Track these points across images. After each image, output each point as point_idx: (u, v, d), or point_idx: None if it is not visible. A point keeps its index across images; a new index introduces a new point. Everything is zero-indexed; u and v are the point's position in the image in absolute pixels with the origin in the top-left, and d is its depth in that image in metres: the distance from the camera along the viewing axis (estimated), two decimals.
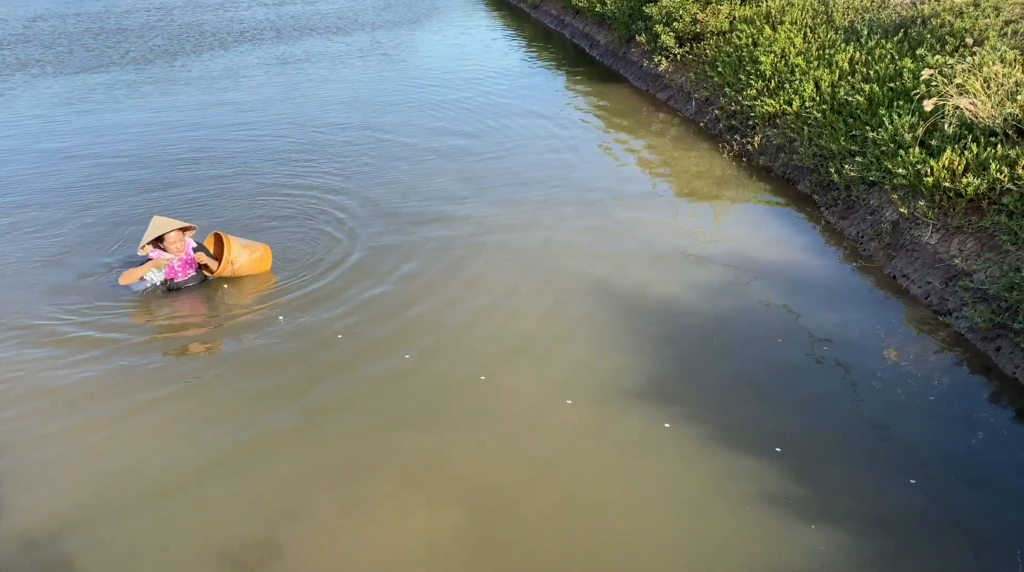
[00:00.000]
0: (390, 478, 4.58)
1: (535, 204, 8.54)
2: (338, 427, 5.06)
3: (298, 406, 5.26)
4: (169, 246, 6.66)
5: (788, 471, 4.50)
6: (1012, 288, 5.56)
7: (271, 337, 6.07)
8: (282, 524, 4.26)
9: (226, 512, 4.38)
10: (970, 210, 6.49)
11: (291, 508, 4.37)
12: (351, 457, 4.78)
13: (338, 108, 12.99)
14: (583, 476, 4.56)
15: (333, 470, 4.67)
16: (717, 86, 11.25)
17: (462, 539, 4.13)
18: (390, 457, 4.76)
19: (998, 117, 6.79)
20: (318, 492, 4.49)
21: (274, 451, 4.85)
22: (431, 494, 4.44)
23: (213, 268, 6.86)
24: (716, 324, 6.06)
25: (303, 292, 6.71)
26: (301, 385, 5.49)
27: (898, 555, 3.94)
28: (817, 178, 8.44)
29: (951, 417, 4.94)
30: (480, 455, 4.76)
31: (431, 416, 5.12)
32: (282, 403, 5.30)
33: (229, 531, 4.24)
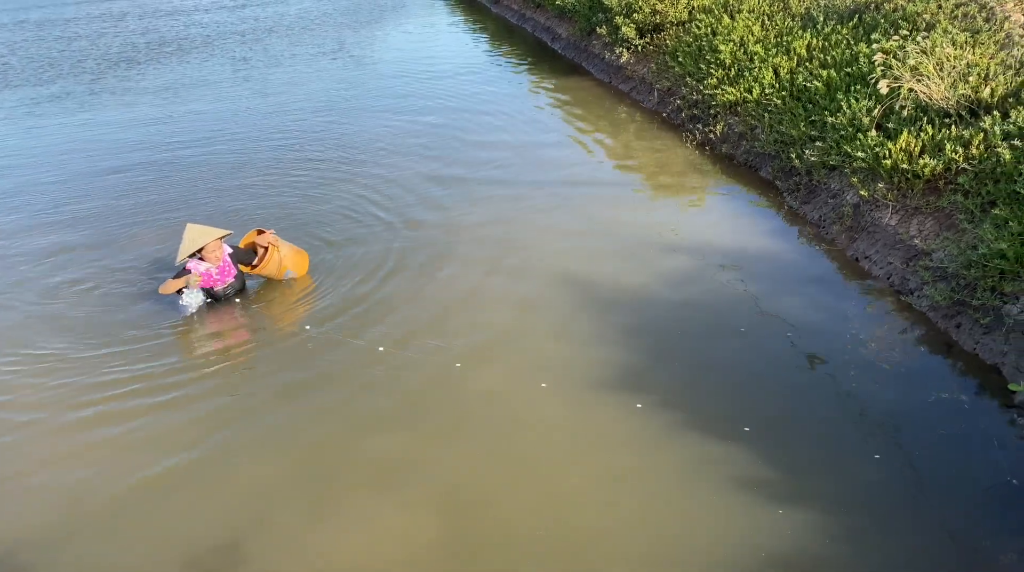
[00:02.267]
0: (361, 481, 4.54)
1: (501, 199, 8.53)
2: (305, 432, 5.01)
3: (263, 413, 5.20)
4: (207, 255, 6.42)
5: (757, 454, 4.54)
6: (970, 266, 5.66)
7: (235, 342, 6.00)
8: (250, 532, 4.21)
9: (192, 523, 4.31)
10: (927, 191, 6.60)
11: (259, 516, 4.32)
12: (320, 462, 4.73)
13: (307, 113, 12.87)
14: (557, 469, 4.57)
15: (301, 476, 4.62)
16: (678, 76, 11.31)
17: (436, 540, 4.11)
18: (360, 460, 4.72)
19: (951, 98, 6.91)
20: (286, 499, 4.44)
21: (239, 459, 4.78)
22: (403, 495, 4.42)
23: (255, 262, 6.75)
24: (684, 312, 6.10)
25: (275, 297, 6.64)
26: (266, 392, 5.43)
27: (865, 530, 4.00)
28: (779, 164, 8.53)
29: (914, 393, 5.03)
30: (452, 453, 4.74)
31: (402, 416, 5.09)
32: (247, 410, 5.24)
33: (195, 542, 4.17)
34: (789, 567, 3.82)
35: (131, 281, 7.03)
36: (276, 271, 6.69)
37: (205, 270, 6.39)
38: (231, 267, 6.60)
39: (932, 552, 3.86)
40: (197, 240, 6.26)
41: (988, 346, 5.30)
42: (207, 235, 6.31)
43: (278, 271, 6.70)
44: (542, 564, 3.93)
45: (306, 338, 6.01)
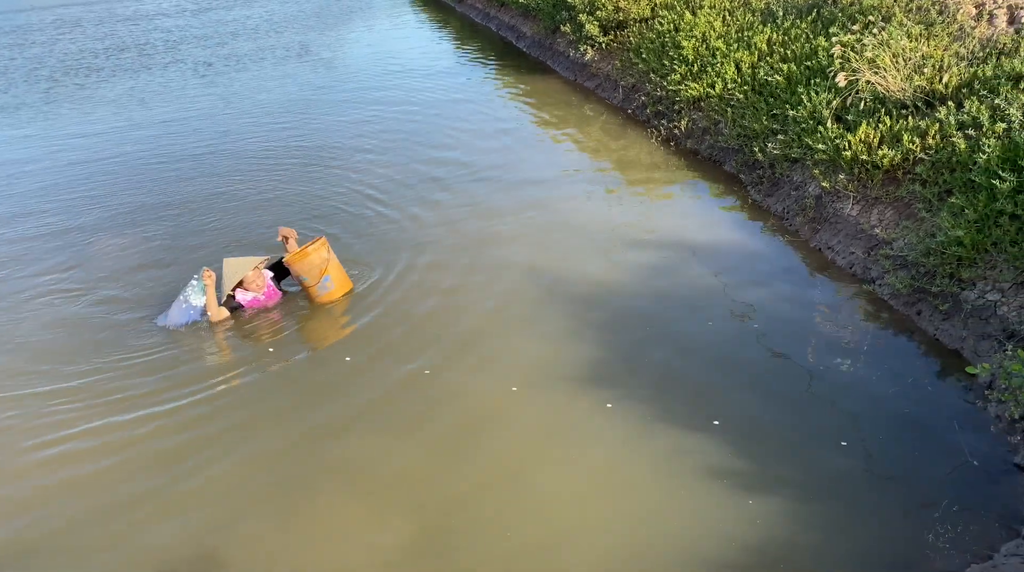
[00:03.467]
0: (332, 488, 4.53)
1: (471, 197, 8.55)
2: (273, 438, 4.97)
3: (227, 420, 5.15)
4: (249, 285, 6.42)
5: (727, 445, 4.61)
6: (928, 254, 5.80)
7: (194, 348, 5.95)
8: (221, 542, 4.18)
9: (161, 534, 4.27)
10: (887, 181, 6.74)
11: (229, 525, 4.29)
12: (289, 468, 4.70)
13: (276, 115, 12.76)
14: (529, 468, 4.59)
15: (270, 484, 4.59)
16: (642, 72, 11.40)
17: (408, 544, 4.11)
18: (331, 466, 4.70)
19: (908, 90, 7.06)
20: (256, 508, 4.41)
21: (206, 469, 4.74)
22: (375, 501, 4.41)
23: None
24: (652, 306, 6.17)
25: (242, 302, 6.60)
26: (231, 398, 5.39)
27: (833, 515, 4.09)
28: (742, 158, 8.64)
29: (878, 379, 5.14)
30: (424, 456, 4.74)
31: (373, 419, 5.09)
32: (211, 418, 5.19)
33: (166, 553, 4.14)
34: (760, 554, 3.89)
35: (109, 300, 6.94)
36: (314, 271, 6.31)
37: (252, 298, 6.40)
38: (275, 291, 6.59)
39: (898, 533, 3.96)
40: (236, 273, 6.26)
41: (948, 331, 5.43)
42: (244, 266, 6.32)
43: (317, 272, 6.31)
44: (515, 563, 3.95)
45: (268, 344, 5.98)
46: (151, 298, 6.76)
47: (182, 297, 6.29)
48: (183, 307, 6.26)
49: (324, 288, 6.37)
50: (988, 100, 6.31)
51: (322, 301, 6.42)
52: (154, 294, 6.83)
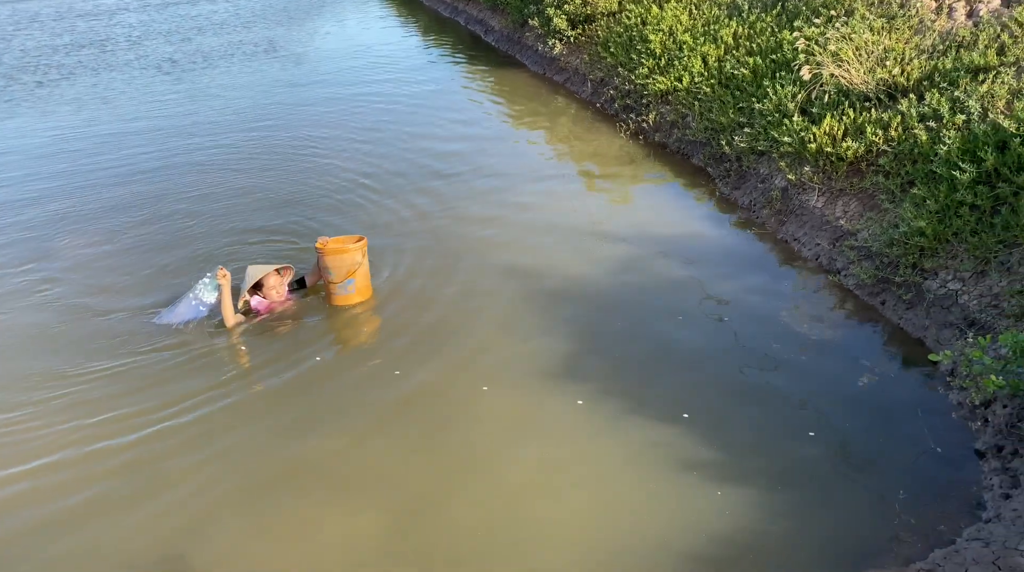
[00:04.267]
0: (303, 488, 4.48)
1: (439, 191, 8.53)
2: (241, 440, 4.90)
3: (193, 423, 5.06)
4: (269, 292, 6.25)
5: (697, 437, 4.65)
6: (892, 244, 5.89)
7: (154, 348, 5.86)
8: (190, 546, 4.12)
9: (130, 539, 4.20)
10: (851, 173, 6.83)
11: (198, 529, 4.23)
12: (258, 468, 4.65)
13: (244, 113, 12.61)
14: (500, 464, 4.59)
15: (239, 486, 4.52)
16: (610, 66, 11.44)
17: (381, 543, 4.08)
18: (302, 467, 4.65)
19: (870, 83, 7.16)
20: (226, 510, 4.35)
21: (174, 472, 4.66)
22: (347, 500, 4.38)
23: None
24: (622, 299, 6.20)
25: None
26: (195, 400, 5.29)
27: (802, 504, 4.14)
28: (709, 151, 8.71)
29: (844, 369, 5.22)
30: (395, 454, 4.71)
31: (343, 419, 5.05)
32: (176, 422, 5.10)
33: (134, 557, 4.07)
34: (729, 544, 3.93)
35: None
36: (342, 270, 6.10)
37: (258, 302, 6.27)
38: (288, 298, 6.45)
39: (864, 520, 4.02)
40: (254, 276, 6.14)
41: (911, 320, 5.53)
42: (262, 270, 6.20)
43: (345, 271, 6.11)
44: (489, 559, 3.95)
45: (235, 343, 5.91)
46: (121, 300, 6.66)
47: (191, 294, 6.13)
48: (192, 304, 6.10)
49: (344, 289, 6.18)
50: (948, 92, 6.42)
51: (337, 302, 6.24)
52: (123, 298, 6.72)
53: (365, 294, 6.32)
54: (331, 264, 6.10)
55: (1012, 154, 5.43)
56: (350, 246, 6.12)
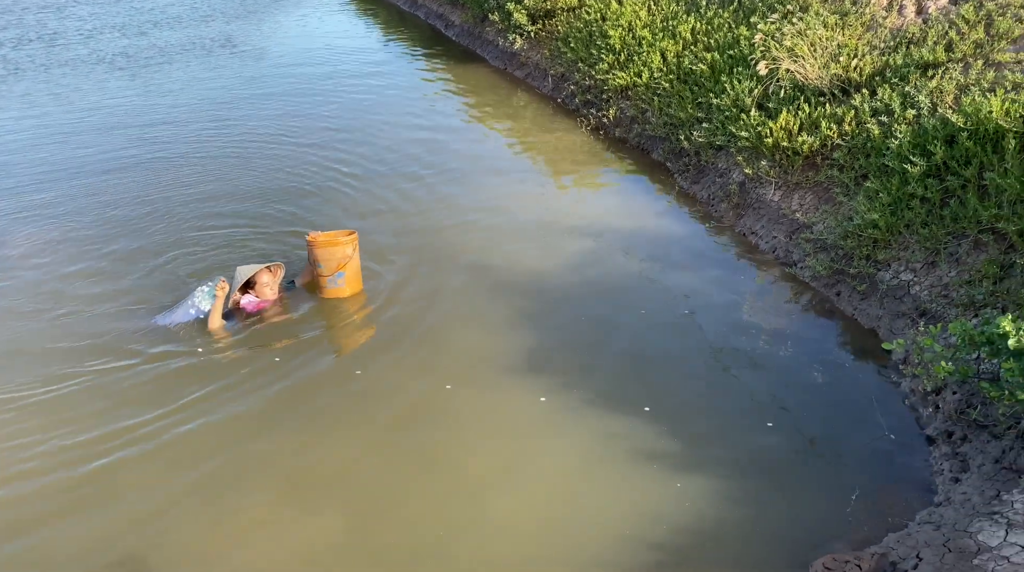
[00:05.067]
0: (260, 488, 4.42)
1: (402, 186, 8.48)
2: (195, 436, 4.82)
3: (148, 423, 4.96)
4: (262, 289, 6.15)
5: (658, 429, 4.70)
6: (846, 236, 6.01)
7: (115, 347, 5.75)
8: (145, 547, 4.04)
9: (83, 541, 4.10)
10: (806, 167, 6.95)
11: (154, 530, 4.15)
12: (213, 467, 4.57)
13: (200, 111, 12.39)
14: (461, 461, 4.58)
15: (193, 483, 4.45)
16: (571, 62, 11.47)
17: (340, 543, 4.05)
18: (258, 464, 4.59)
19: (825, 78, 7.29)
20: (182, 511, 4.27)
21: (120, 466, 4.57)
22: (305, 500, 4.33)
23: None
24: (584, 294, 6.23)
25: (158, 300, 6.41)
26: (146, 393, 5.21)
27: (760, 492, 4.21)
28: (669, 146, 8.79)
29: (801, 359, 5.32)
30: (355, 453, 4.67)
31: (302, 417, 4.99)
32: (131, 420, 5.00)
33: (78, 557, 3.98)
34: (690, 533, 3.98)
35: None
36: (332, 262, 6.07)
37: (248, 301, 6.17)
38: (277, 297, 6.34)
39: (821, 507, 4.11)
40: (245, 274, 6.07)
41: (865, 311, 5.65)
42: (251, 269, 6.12)
43: (335, 264, 6.08)
44: (449, 556, 3.94)
45: (196, 342, 5.81)
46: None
47: (190, 301, 6.07)
48: (191, 312, 6.05)
49: (334, 282, 6.19)
50: (899, 88, 6.57)
51: (327, 295, 6.25)
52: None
53: (355, 287, 6.33)
54: (322, 256, 6.11)
55: (960, 148, 5.57)
56: (341, 239, 6.13)
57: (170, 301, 6.26)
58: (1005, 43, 6.43)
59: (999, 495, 3.79)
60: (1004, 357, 3.87)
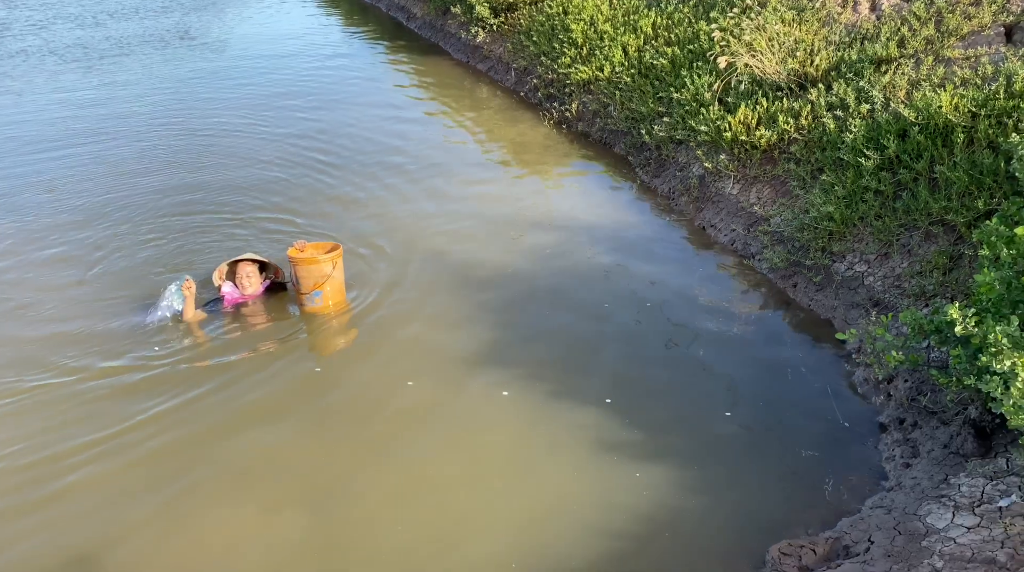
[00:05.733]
0: (218, 486, 4.37)
1: (361, 182, 8.42)
2: (151, 438, 4.74)
3: (102, 421, 4.87)
4: (241, 280, 6.06)
5: (618, 420, 4.75)
6: (802, 229, 6.12)
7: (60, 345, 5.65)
8: (101, 548, 3.97)
9: (34, 543, 4.02)
10: (764, 160, 7.05)
11: (109, 530, 4.09)
12: (169, 469, 4.49)
13: (157, 107, 12.16)
14: (425, 457, 4.58)
15: (149, 485, 4.38)
16: (534, 55, 11.48)
17: (300, 539, 4.02)
18: (216, 464, 4.53)
19: (782, 73, 7.40)
20: (138, 511, 4.21)
21: (75, 470, 4.49)
22: (265, 497, 4.29)
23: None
24: (547, 287, 6.26)
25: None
26: (101, 394, 5.12)
27: (718, 480, 4.28)
28: (630, 140, 8.86)
29: (759, 350, 5.40)
30: (316, 452, 4.63)
31: (262, 416, 4.93)
32: (84, 418, 4.90)
33: (31, 562, 3.91)
34: (649, 521, 4.03)
35: None
36: (309, 280, 5.85)
37: (230, 291, 6.11)
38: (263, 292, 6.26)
39: (777, 494, 4.19)
40: (223, 265, 6.04)
41: (821, 302, 5.76)
42: (232, 259, 6.09)
43: (312, 282, 5.84)
44: (409, 551, 3.94)
45: (154, 343, 5.73)
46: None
47: (164, 303, 5.96)
48: (166, 314, 5.95)
49: (311, 300, 5.94)
50: (854, 83, 6.69)
51: (307, 311, 6.00)
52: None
53: (337, 304, 6.03)
54: (299, 274, 5.91)
55: (912, 142, 5.70)
56: (319, 257, 5.87)
57: (136, 294, 6.19)
58: (954, 40, 6.59)
59: (947, 479, 3.90)
60: (952, 345, 3.98)
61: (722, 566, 3.79)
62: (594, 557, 3.86)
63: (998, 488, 3.65)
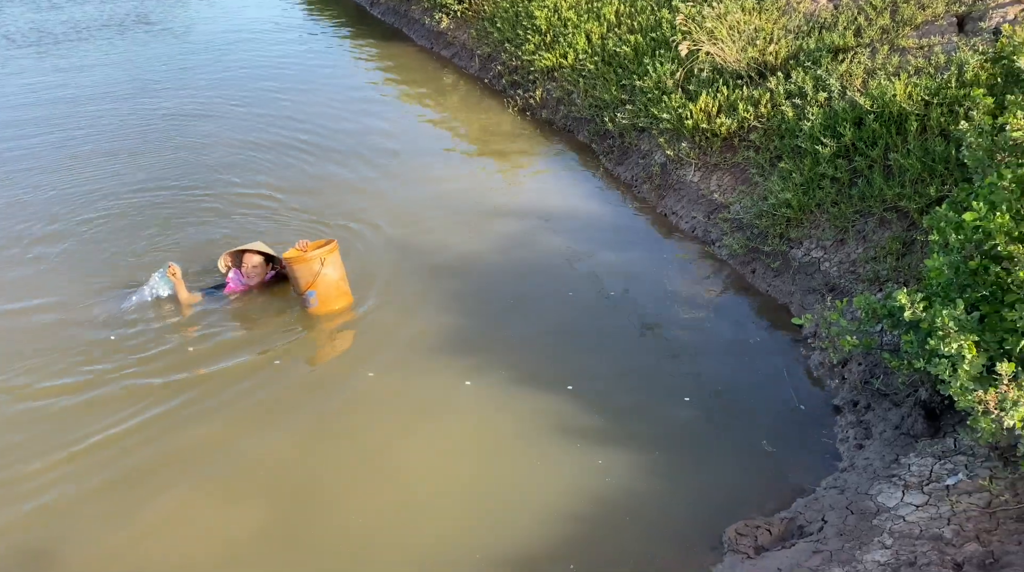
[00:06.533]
0: (177, 479, 4.32)
1: (326, 168, 8.35)
2: (108, 429, 4.67)
3: (52, 416, 4.79)
4: (248, 269, 5.99)
5: (581, 407, 4.79)
6: (761, 216, 6.21)
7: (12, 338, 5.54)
8: (54, 543, 3.92)
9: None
10: (725, 148, 7.13)
11: (62, 526, 4.03)
12: (128, 461, 4.43)
13: (116, 87, 11.90)
14: (387, 447, 4.58)
15: (106, 478, 4.32)
16: (498, 42, 11.44)
17: (262, 532, 4.00)
18: (175, 456, 4.48)
19: (742, 61, 7.47)
20: (91, 505, 4.15)
21: (27, 462, 4.41)
22: (225, 489, 4.27)
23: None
24: (510, 275, 6.28)
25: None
26: (49, 389, 5.03)
27: (678, 463, 4.35)
28: (594, 128, 8.89)
29: (718, 336, 5.48)
30: (278, 443, 4.60)
31: (222, 409, 4.87)
32: (36, 414, 4.82)
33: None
34: (610, 505, 4.08)
35: None
36: (301, 281, 5.66)
37: (235, 275, 6.06)
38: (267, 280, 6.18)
39: (735, 477, 4.27)
40: (242, 246, 6.01)
41: (778, 287, 5.86)
42: (253, 246, 6.04)
43: (303, 283, 5.65)
44: (372, 540, 3.94)
45: (106, 338, 5.63)
46: None
47: (147, 288, 5.90)
48: (147, 298, 5.91)
49: (307, 302, 5.73)
50: (812, 71, 6.78)
51: (311, 312, 5.79)
52: None
53: (335, 304, 5.78)
54: (292, 273, 5.74)
55: (867, 130, 5.80)
56: (307, 255, 5.63)
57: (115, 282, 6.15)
58: (909, 29, 6.71)
59: (897, 459, 4.01)
60: (903, 329, 4.08)
61: (680, 547, 3.86)
62: (556, 541, 3.90)
63: (946, 467, 3.76)
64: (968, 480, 3.60)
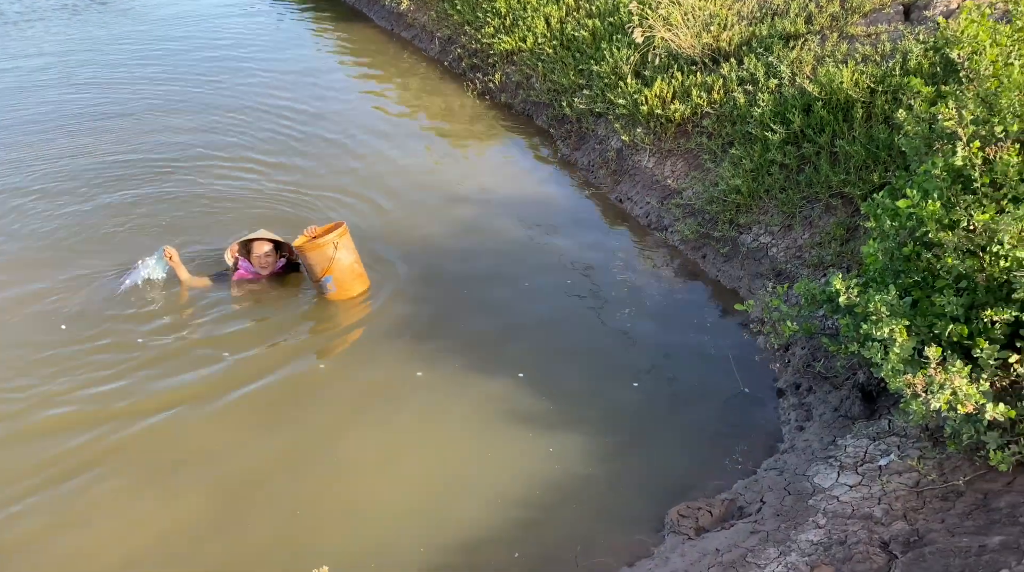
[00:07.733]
0: (117, 474, 4.28)
1: (282, 151, 8.26)
2: (36, 422, 4.61)
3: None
4: (256, 259, 5.90)
5: (530, 393, 4.84)
6: (712, 202, 6.29)
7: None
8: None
9: None
10: (678, 134, 7.19)
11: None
12: (59, 454, 4.39)
13: (69, 77, 11.61)
14: (333, 437, 4.57)
15: (34, 472, 4.26)
16: (457, 24, 11.37)
17: (200, 526, 3.98)
18: (112, 451, 4.42)
19: (697, 47, 7.52)
20: (23, 506, 4.08)
21: None
22: (166, 485, 4.22)
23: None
24: (464, 261, 6.29)
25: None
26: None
27: (626, 447, 4.43)
28: (552, 112, 8.90)
29: (668, 320, 5.57)
30: (223, 437, 4.56)
31: (163, 402, 4.80)
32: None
33: None
34: (559, 489, 4.15)
35: None
36: (316, 268, 5.57)
37: (243, 262, 5.99)
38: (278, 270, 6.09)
39: (680, 459, 4.36)
40: (254, 234, 5.92)
41: (728, 272, 5.96)
42: (264, 234, 5.94)
43: (319, 269, 5.56)
44: (319, 534, 3.95)
45: (56, 326, 5.56)
46: None
47: (142, 271, 5.84)
48: (138, 281, 5.85)
49: (324, 288, 5.66)
50: (764, 58, 6.86)
51: (330, 298, 5.74)
52: None
53: (354, 289, 5.73)
54: (305, 261, 5.64)
55: (816, 116, 5.90)
56: (319, 241, 5.51)
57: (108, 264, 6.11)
58: (857, 17, 6.80)
59: (835, 440, 4.13)
60: (841, 314, 4.18)
61: (625, 530, 3.94)
62: (504, 526, 3.96)
63: (879, 448, 3.88)
64: (899, 460, 3.72)
